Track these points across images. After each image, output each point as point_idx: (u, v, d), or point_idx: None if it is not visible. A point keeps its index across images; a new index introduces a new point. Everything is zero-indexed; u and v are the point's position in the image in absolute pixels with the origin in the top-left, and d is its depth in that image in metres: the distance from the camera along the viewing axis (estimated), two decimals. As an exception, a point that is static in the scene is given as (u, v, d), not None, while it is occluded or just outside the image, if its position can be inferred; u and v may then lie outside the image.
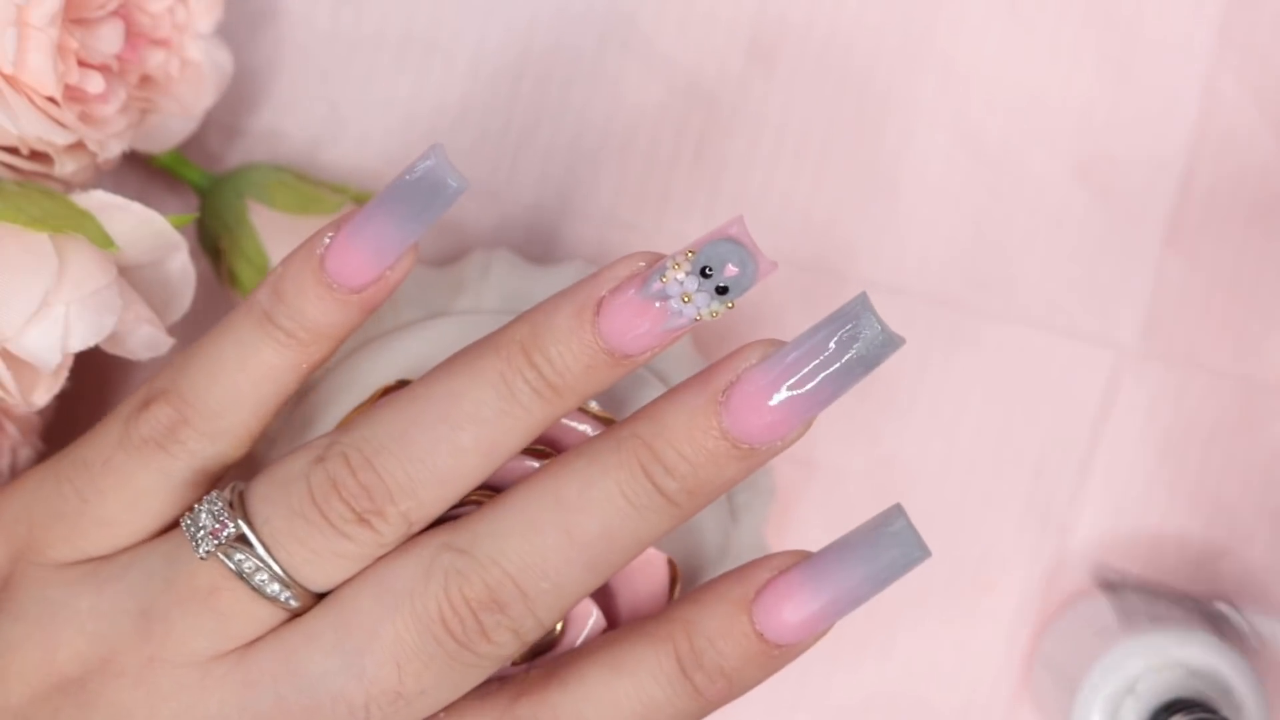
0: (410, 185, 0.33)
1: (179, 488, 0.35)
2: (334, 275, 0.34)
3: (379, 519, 0.33)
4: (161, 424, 0.35)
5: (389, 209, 0.34)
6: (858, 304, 0.32)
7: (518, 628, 0.33)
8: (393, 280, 0.35)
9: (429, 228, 0.34)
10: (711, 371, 0.33)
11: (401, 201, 0.34)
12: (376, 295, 0.35)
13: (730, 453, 0.33)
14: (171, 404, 0.35)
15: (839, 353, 0.32)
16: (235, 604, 0.34)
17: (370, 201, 0.34)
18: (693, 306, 0.32)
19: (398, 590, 0.33)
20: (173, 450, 0.35)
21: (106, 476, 0.35)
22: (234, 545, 0.34)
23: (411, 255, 0.35)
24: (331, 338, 0.35)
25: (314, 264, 0.34)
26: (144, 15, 0.42)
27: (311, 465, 0.34)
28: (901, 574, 0.33)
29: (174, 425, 0.35)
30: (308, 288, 0.34)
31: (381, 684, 0.33)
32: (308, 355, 0.35)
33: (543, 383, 0.33)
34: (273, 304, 0.35)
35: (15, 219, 0.37)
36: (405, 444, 0.33)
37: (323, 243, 0.34)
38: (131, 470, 0.35)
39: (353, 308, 0.34)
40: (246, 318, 0.35)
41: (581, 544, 0.33)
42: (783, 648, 0.34)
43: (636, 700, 0.34)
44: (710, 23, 0.49)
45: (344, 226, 0.34)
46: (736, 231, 0.33)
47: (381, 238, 0.34)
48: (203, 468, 0.35)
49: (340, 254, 0.34)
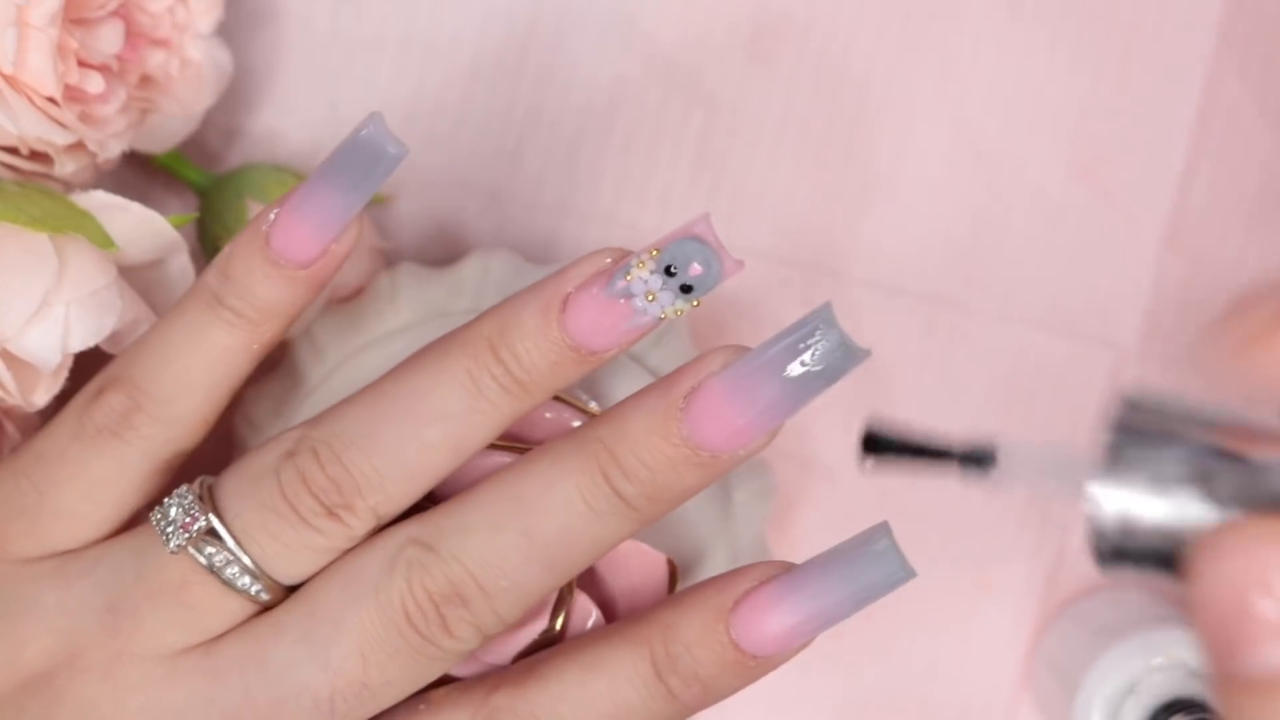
0: (349, 155, 0.34)
1: (136, 476, 0.35)
2: (280, 252, 0.34)
3: (348, 512, 0.34)
4: (115, 412, 0.35)
5: (330, 181, 0.34)
6: (820, 315, 0.32)
7: (479, 623, 0.34)
8: (339, 253, 0.35)
9: (370, 197, 0.34)
10: (674, 377, 0.33)
11: (341, 172, 0.34)
12: (324, 269, 0.35)
13: (690, 459, 0.33)
14: (124, 391, 0.35)
15: (799, 365, 0.32)
16: (205, 597, 0.34)
17: (311, 175, 0.34)
18: (657, 305, 0.33)
19: (363, 581, 0.34)
20: (127, 437, 0.35)
21: (62, 468, 0.35)
22: (204, 539, 0.34)
23: (356, 226, 0.35)
24: (282, 315, 0.35)
25: (259, 242, 0.34)
26: (144, 15, 0.42)
27: (281, 460, 0.34)
28: (883, 594, 0.33)
29: (127, 412, 0.35)
30: (255, 266, 0.34)
31: (347, 675, 0.33)
32: (259, 334, 0.35)
33: (510, 379, 0.33)
34: (221, 285, 0.35)
35: (15, 219, 0.37)
36: (374, 440, 0.33)
37: (268, 220, 0.34)
38: (86, 460, 0.35)
39: (300, 284, 0.35)
40: (195, 300, 0.35)
41: (540, 544, 0.33)
42: (759, 659, 0.34)
43: (611, 701, 0.34)
44: (710, 22, 0.49)
45: (287, 202, 0.34)
46: (701, 230, 0.33)
47: (325, 210, 0.34)
48: (159, 454, 0.35)
49: (285, 230, 0.34)
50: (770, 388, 0.32)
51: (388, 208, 0.48)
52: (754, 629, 0.33)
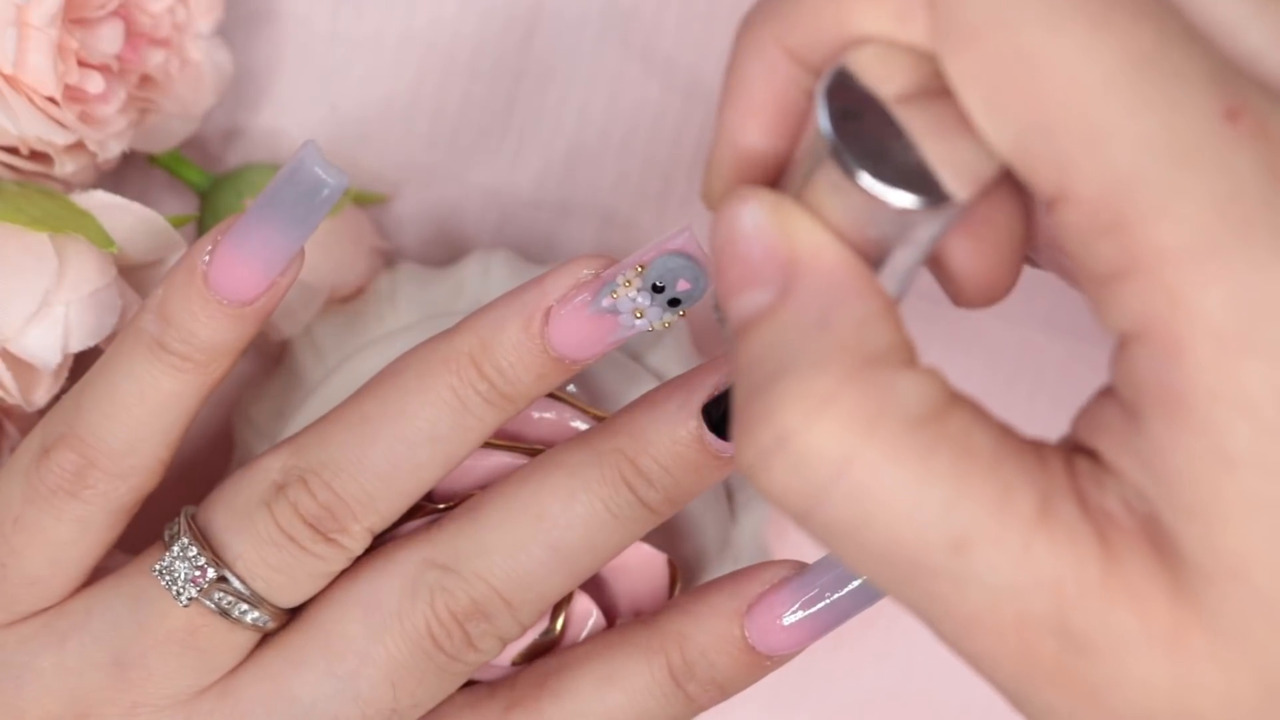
0: (287, 189, 0.32)
1: (99, 531, 0.34)
2: (221, 291, 0.33)
3: (343, 535, 0.34)
4: (67, 471, 0.34)
5: (269, 216, 0.33)
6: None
7: (502, 633, 0.34)
8: (284, 285, 0.33)
9: (314, 229, 0.33)
10: (691, 381, 0.33)
11: (281, 208, 0.32)
12: (269, 303, 0.33)
13: (712, 462, 0.33)
14: (73, 448, 0.34)
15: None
16: (215, 637, 0.34)
17: (249, 210, 0.33)
18: (645, 320, 0.33)
19: (385, 611, 0.34)
20: (85, 496, 0.34)
21: (18, 534, 0.34)
22: (213, 586, 0.33)
23: (301, 258, 0.33)
24: (230, 353, 0.34)
25: (197, 282, 0.33)
26: (144, 15, 0.42)
27: (272, 492, 0.34)
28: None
29: (81, 470, 0.34)
30: (195, 308, 0.33)
31: (378, 704, 0.34)
32: (208, 375, 0.34)
33: (495, 393, 0.33)
34: (161, 330, 0.33)
35: (15, 219, 0.37)
36: (363, 465, 0.33)
37: (202, 260, 0.33)
38: (46, 525, 0.34)
39: (247, 320, 0.33)
40: (135, 346, 0.34)
41: (565, 556, 0.33)
42: (775, 658, 0.34)
43: (630, 711, 0.34)
44: (710, 22, 0.49)
45: (223, 240, 0.33)
46: (685, 244, 0.32)
47: (268, 248, 0.33)
48: (119, 506, 0.34)
49: (225, 269, 0.33)
50: None
51: (388, 208, 0.48)
52: (770, 631, 0.34)
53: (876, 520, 0.24)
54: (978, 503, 0.24)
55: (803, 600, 0.34)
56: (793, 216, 0.26)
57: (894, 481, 0.24)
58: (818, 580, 0.34)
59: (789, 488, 0.25)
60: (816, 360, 0.25)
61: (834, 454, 0.24)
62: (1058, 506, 0.25)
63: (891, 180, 0.25)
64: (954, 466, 0.24)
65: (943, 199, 0.25)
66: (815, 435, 0.24)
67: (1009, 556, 0.24)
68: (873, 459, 0.24)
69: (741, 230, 0.26)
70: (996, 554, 0.24)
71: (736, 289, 0.26)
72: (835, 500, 0.24)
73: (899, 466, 0.24)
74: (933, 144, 0.25)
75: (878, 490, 0.24)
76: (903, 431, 0.24)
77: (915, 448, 0.24)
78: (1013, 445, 0.26)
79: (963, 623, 0.25)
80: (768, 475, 0.25)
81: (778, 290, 0.26)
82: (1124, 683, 0.24)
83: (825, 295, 0.25)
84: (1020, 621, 0.24)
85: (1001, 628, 0.25)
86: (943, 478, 0.24)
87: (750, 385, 0.25)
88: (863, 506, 0.24)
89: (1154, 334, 0.24)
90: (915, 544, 0.24)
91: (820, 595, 0.34)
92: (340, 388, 0.41)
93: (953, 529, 0.24)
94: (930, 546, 0.24)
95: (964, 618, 0.25)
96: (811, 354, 0.25)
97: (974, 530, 0.24)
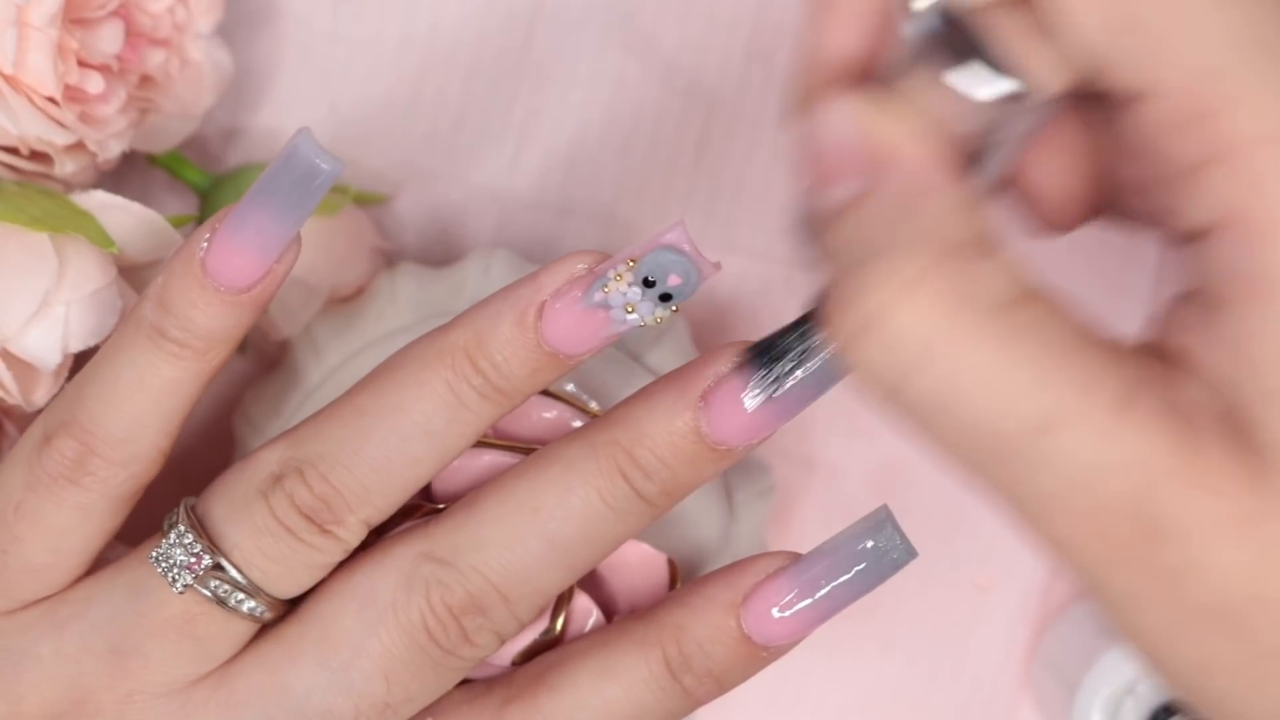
0: (282, 175, 0.33)
1: (99, 519, 0.35)
2: (219, 278, 0.33)
3: (340, 527, 0.34)
4: (68, 458, 0.34)
5: (265, 203, 0.33)
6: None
7: (499, 629, 0.34)
8: (281, 273, 0.34)
9: (308, 215, 0.33)
10: (687, 374, 0.33)
11: (276, 194, 0.33)
12: (266, 290, 0.34)
13: (708, 455, 0.33)
14: (74, 436, 0.34)
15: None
16: (212, 626, 0.34)
17: (245, 197, 0.33)
18: (637, 315, 0.33)
19: (380, 604, 0.34)
20: (85, 484, 0.34)
21: (20, 521, 0.34)
22: (210, 573, 0.34)
23: (297, 245, 0.34)
24: (228, 340, 0.34)
25: (195, 270, 0.33)
26: (144, 15, 0.42)
27: (269, 483, 0.34)
28: (889, 575, 0.34)
29: (81, 457, 0.34)
30: (194, 295, 0.33)
31: (371, 697, 0.34)
32: (206, 363, 0.34)
33: (489, 387, 0.33)
34: (160, 317, 0.34)
35: (15, 219, 0.37)
36: (359, 458, 0.33)
37: (200, 247, 0.33)
38: (47, 511, 0.34)
39: (244, 307, 0.34)
40: (135, 334, 0.34)
41: (563, 549, 0.33)
42: (771, 649, 0.34)
43: (627, 705, 0.34)
44: (710, 22, 0.49)
45: (220, 227, 0.33)
46: (677, 238, 0.32)
47: (264, 234, 0.33)
48: (119, 494, 0.35)
49: (222, 256, 0.33)
50: (789, 384, 0.32)
51: (388, 208, 0.48)
52: (766, 622, 0.34)
53: (963, 399, 0.26)
54: (1063, 386, 0.25)
55: (798, 590, 0.34)
56: (883, 113, 0.28)
57: (981, 361, 0.25)
58: (813, 570, 0.34)
59: (881, 363, 0.26)
60: (905, 245, 0.26)
61: (922, 332, 0.26)
62: (1139, 396, 0.26)
63: (977, 76, 0.27)
64: (1039, 351, 0.26)
65: (1026, 93, 0.27)
66: (904, 314, 0.26)
67: (1093, 439, 0.25)
68: (960, 339, 0.26)
69: (835, 126, 0.28)
70: (1081, 436, 0.25)
71: (830, 180, 0.28)
72: (923, 378, 0.26)
73: (986, 348, 0.25)
74: (1017, 43, 0.27)
75: (965, 369, 0.26)
76: (989, 314, 0.26)
77: (1001, 331, 0.26)
78: (1094, 338, 0.27)
79: (1043, 505, 0.26)
80: (862, 351, 0.26)
81: (868, 181, 0.27)
82: (1202, 567, 0.25)
83: (913, 186, 0.27)
84: (1101, 504, 0.25)
85: (1082, 511, 0.26)
86: (1029, 360, 0.25)
87: (843, 269, 0.27)
88: (950, 385, 0.26)
89: (1238, 221, 0.25)
90: (1000, 423, 0.26)
91: (816, 585, 0.34)
92: (340, 387, 0.41)
93: (1038, 410, 0.25)
94: (1015, 426, 0.26)
95: (1045, 500, 0.26)
96: (900, 240, 0.26)
97: (1059, 412, 0.25)
